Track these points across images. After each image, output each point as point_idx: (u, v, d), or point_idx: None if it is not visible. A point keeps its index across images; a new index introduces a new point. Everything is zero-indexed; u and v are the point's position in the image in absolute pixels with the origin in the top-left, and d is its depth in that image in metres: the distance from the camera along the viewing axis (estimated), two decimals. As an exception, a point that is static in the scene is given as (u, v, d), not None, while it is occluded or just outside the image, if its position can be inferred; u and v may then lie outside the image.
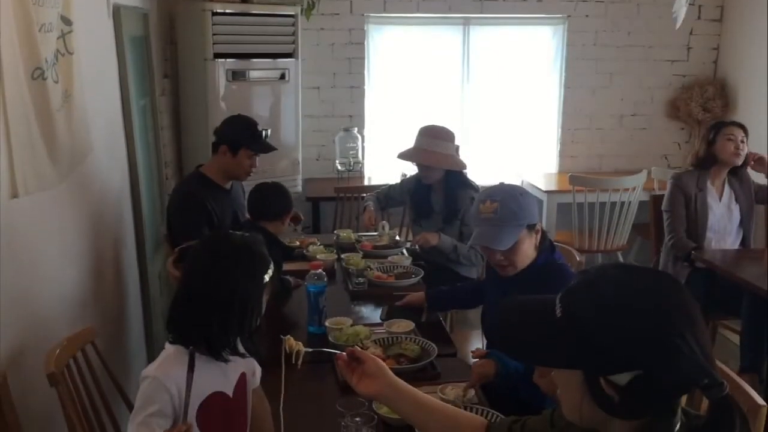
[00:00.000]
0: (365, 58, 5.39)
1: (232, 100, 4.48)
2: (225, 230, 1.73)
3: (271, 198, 2.95)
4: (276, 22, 4.65)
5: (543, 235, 2.29)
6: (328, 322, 2.55)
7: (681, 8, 3.87)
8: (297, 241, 3.60)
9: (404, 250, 3.60)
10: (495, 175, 5.16)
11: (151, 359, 1.75)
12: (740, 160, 3.70)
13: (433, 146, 3.42)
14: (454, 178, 3.47)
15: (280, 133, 4.76)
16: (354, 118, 5.44)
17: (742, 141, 3.67)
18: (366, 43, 5.37)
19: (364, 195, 4.05)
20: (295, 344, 1.68)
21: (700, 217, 3.73)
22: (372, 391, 1.50)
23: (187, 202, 3.09)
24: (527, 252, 2.26)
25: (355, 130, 5.27)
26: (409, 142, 3.55)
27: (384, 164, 5.37)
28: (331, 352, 1.62)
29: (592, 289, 1.12)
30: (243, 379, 1.68)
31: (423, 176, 3.55)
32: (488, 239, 2.24)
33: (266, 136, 3.24)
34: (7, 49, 1.85)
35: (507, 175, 5.34)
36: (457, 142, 3.60)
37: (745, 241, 3.84)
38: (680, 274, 3.64)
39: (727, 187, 3.80)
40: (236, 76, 4.53)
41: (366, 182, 5.20)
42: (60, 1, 2.25)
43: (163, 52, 4.43)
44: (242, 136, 3.14)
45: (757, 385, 3.29)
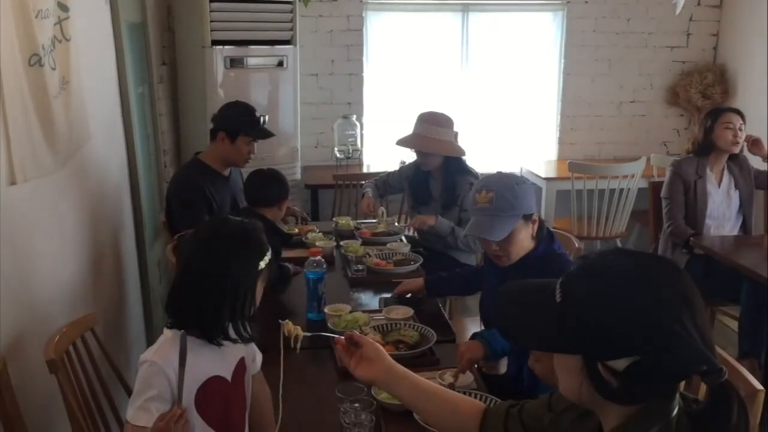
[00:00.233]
0: (363, 45, 5.37)
1: (230, 87, 4.47)
2: (223, 215, 1.72)
3: (268, 184, 2.94)
4: (274, 8, 4.62)
5: (540, 225, 2.28)
6: (327, 309, 2.56)
7: (681, -6, 3.85)
8: (296, 229, 3.60)
9: (403, 237, 3.60)
10: (494, 163, 5.15)
11: (150, 345, 1.77)
12: (738, 148, 3.69)
13: (432, 133, 3.42)
14: (453, 164, 3.47)
15: (279, 121, 4.74)
16: (352, 105, 5.42)
17: (740, 128, 3.66)
18: (364, 30, 5.35)
19: (363, 182, 4.05)
20: (293, 328, 1.69)
21: (699, 204, 3.73)
22: (370, 376, 1.51)
23: (186, 190, 3.09)
24: (522, 243, 2.25)
25: (354, 118, 5.26)
26: (408, 129, 3.54)
27: (383, 152, 5.36)
28: (329, 337, 1.62)
29: (592, 275, 1.12)
30: (242, 364, 1.69)
31: (422, 163, 3.55)
32: (482, 230, 2.24)
33: (264, 122, 3.23)
34: (3, 35, 1.85)
35: (506, 162, 5.33)
36: (456, 129, 3.59)
37: (745, 227, 3.84)
38: (679, 261, 3.65)
39: (726, 174, 3.80)
40: (234, 63, 4.51)
41: (365, 170, 5.19)
42: (56, -14, 2.25)
43: (160, 39, 4.41)
44: (240, 122, 3.13)
45: (756, 370, 3.31)
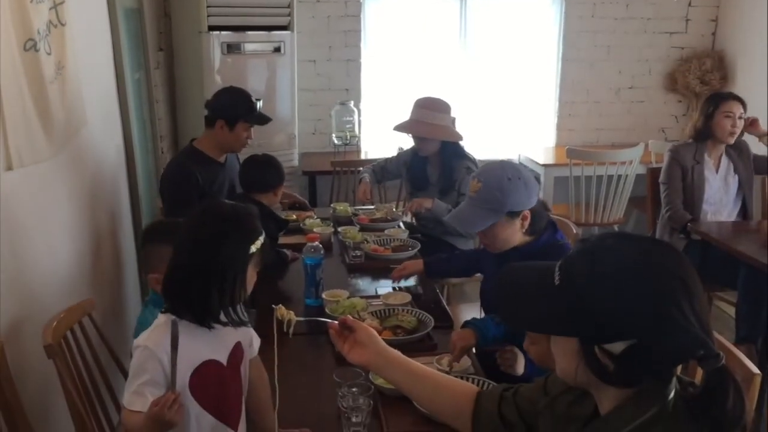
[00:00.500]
0: (361, 31, 5.34)
1: (227, 73, 4.45)
2: (216, 199, 1.70)
3: (263, 170, 2.94)
4: (271, -7, 4.60)
5: (534, 217, 2.22)
6: (324, 295, 2.56)
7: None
8: (293, 215, 3.60)
9: (401, 224, 3.60)
10: (492, 149, 5.15)
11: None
12: (734, 139, 3.69)
13: (429, 118, 3.41)
14: (451, 149, 3.46)
15: (276, 107, 4.73)
16: (350, 91, 5.40)
17: (740, 117, 3.65)
18: (362, 16, 5.32)
19: (360, 169, 4.04)
20: (286, 313, 1.69)
21: (697, 190, 3.74)
22: (363, 360, 1.51)
23: (179, 177, 3.06)
24: (506, 238, 2.22)
25: (352, 104, 5.24)
26: (406, 115, 3.53)
27: (381, 138, 5.35)
28: (322, 321, 1.61)
29: (591, 258, 1.12)
30: (239, 348, 1.68)
31: (419, 148, 3.54)
32: (459, 219, 2.25)
33: (260, 107, 3.22)
34: (-2, 19, 1.83)
35: (504, 148, 5.33)
36: (455, 115, 3.58)
37: (745, 212, 3.84)
38: (676, 246, 3.64)
39: (725, 159, 3.79)
40: (231, 49, 4.49)
41: (363, 156, 5.19)
42: (51, -30, 2.23)
43: (157, 24, 4.39)
44: (239, 109, 3.11)
45: (753, 355, 3.31)
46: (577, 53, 5.57)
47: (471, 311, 3.36)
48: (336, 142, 5.17)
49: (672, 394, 1.10)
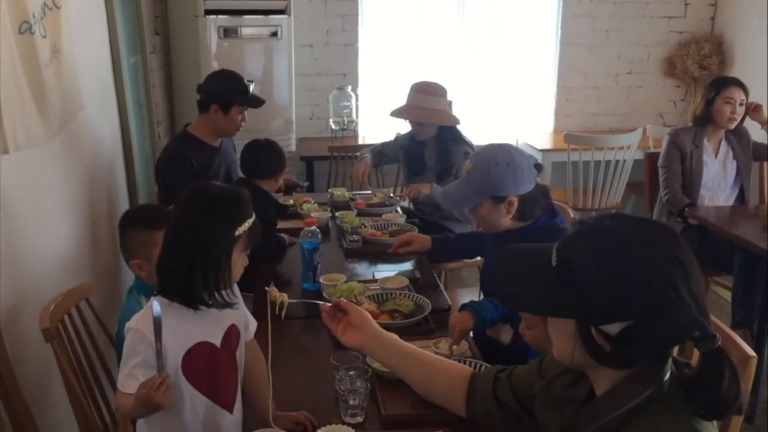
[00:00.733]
0: (358, 15, 5.31)
1: (224, 58, 4.43)
2: (206, 181, 1.68)
3: (264, 156, 2.93)
4: (268, -23, 4.58)
5: (525, 204, 2.21)
6: (322, 279, 2.56)
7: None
8: (291, 200, 3.60)
9: (398, 208, 3.60)
10: (491, 134, 5.13)
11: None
12: (733, 126, 3.68)
13: (425, 102, 3.40)
14: (448, 133, 3.45)
15: (273, 92, 4.72)
16: (348, 76, 5.38)
17: (741, 104, 3.64)
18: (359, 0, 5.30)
19: (358, 154, 4.02)
20: (278, 295, 1.68)
21: (695, 174, 3.74)
22: (357, 342, 1.51)
23: (174, 163, 3.05)
24: (492, 221, 2.23)
25: (349, 89, 5.22)
26: (404, 101, 3.52)
27: (378, 123, 5.33)
28: (315, 303, 1.60)
29: (588, 239, 1.12)
30: (233, 330, 1.67)
31: (416, 133, 3.53)
32: (446, 194, 2.33)
33: (252, 89, 3.20)
34: (-8, 1, 1.82)
35: (502, 133, 5.31)
36: (453, 100, 3.57)
37: (742, 197, 3.84)
38: (673, 230, 3.65)
39: (724, 144, 3.79)
40: (228, 33, 4.47)
41: (360, 141, 5.17)
42: (46, -48, 2.21)
43: (153, 8, 4.36)
44: (233, 93, 3.09)
45: (748, 340, 3.33)
46: (576, 38, 5.55)
47: (468, 296, 3.36)
48: (333, 127, 5.16)
49: (668, 376, 1.10)
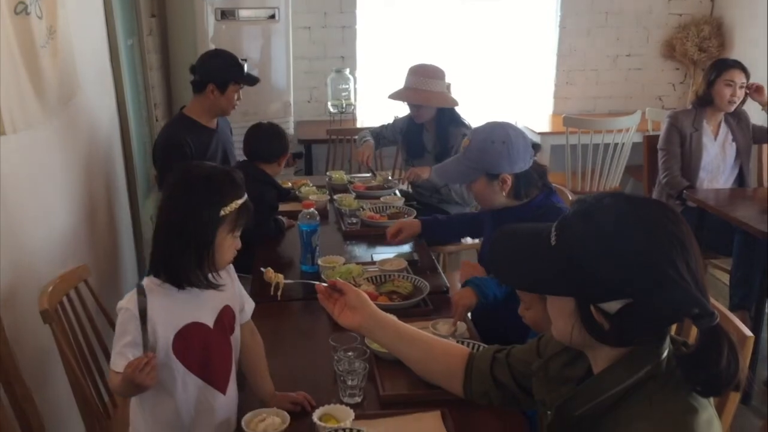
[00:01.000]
0: (356, -4, 5.28)
1: (221, 40, 4.39)
2: (197, 161, 1.67)
3: (268, 140, 2.92)
4: (265, -43, 4.54)
5: (519, 182, 2.22)
6: (320, 261, 2.56)
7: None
8: (289, 183, 3.59)
9: (397, 191, 3.59)
10: (490, 117, 5.08)
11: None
12: (733, 108, 3.67)
13: (424, 84, 3.39)
14: (446, 116, 3.44)
15: (271, 75, 4.69)
16: (346, 59, 5.35)
17: (741, 87, 3.63)
18: (357, -19, 5.27)
19: (357, 137, 4.01)
20: (274, 276, 1.68)
21: (694, 157, 3.73)
22: (354, 323, 1.51)
23: (170, 146, 3.03)
24: (487, 198, 2.27)
25: (347, 72, 5.19)
26: (402, 83, 3.50)
27: (376, 106, 5.31)
28: (312, 284, 1.60)
29: (587, 218, 1.11)
30: (228, 312, 1.66)
31: (414, 115, 3.52)
32: (441, 169, 2.37)
33: (246, 69, 3.19)
34: (-13, -19, 1.81)
35: (502, 116, 5.25)
36: (452, 82, 3.55)
37: (741, 180, 3.84)
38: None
39: (723, 127, 3.78)
40: (225, 15, 4.44)
41: (358, 124, 5.15)
42: (40, -68, 2.19)
43: (149, -11, 4.33)
44: (230, 71, 3.08)
45: (747, 322, 3.33)
46: (575, 20, 5.52)
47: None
48: (332, 110, 5.14)
49: (665, 354, 1.10)
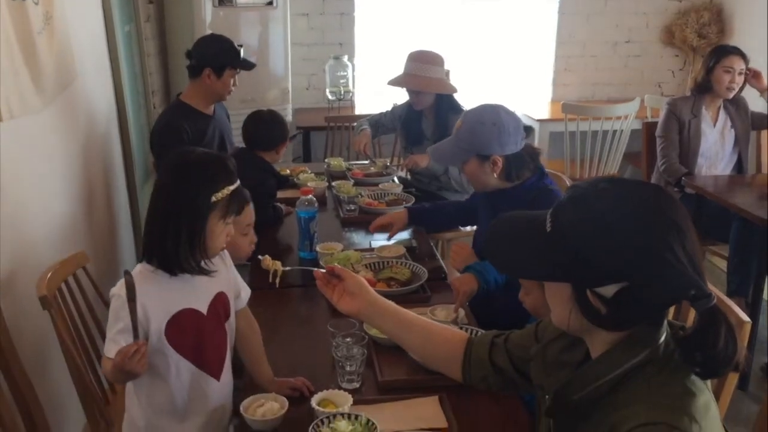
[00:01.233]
0: (355, -18, 5.26)
1: (219, 27, 4.37)
2: (190, 147, 1.66)
3: (268, 127, 2.92)
4: (263, -57, 4.51)
5: (510, 164, 2.22)
6: (319, 248, 2.56)
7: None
8: (287, 170, 3.58)
9: (395, 178, 3.59)
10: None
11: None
12: (732, 95, 3.66)
13: (423, 71, 3.38)
14: (445, 102, 3.43)
15: (269, 62, 4.68)
16: (344, 46, 5.33)
17: (740, 73, 3.62)
18: (355, -33, 5.24)
19: (355, 125, 4.00)
20: (272, 264, 1.68)
21: (693, 143, 3.73)
22: (353, 309, 1.51)
23: (168, 133, 3.01)
24: (479, 179, 2.29)
25: (346, 58, 5.17)
26: (401, 70, 3.49)
27: (375, 93, 5.30)
28: (310, 270, 1.60)
29: (582, 203, 1.11)
30: (222, 298, 1.66)
31: (413, 102, 3.51)
32: (435, 150, 2.40)
33: (242, 54, 3.18)
34: (-18, -35, 1.80)
35: (500, 103, 5.27)
36: (451, 69, 3.54)
37: (740, 167, 3.84)
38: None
39: (722, 113, 3.78)
40: (223, 1, 4.42)
41: (357, 111, 5.13)
42: None
43: (146, -25, 4.30)
44: (226, 56, 3.07)
45: (744, 308, 3.34)
46: (574, 5, 5.50)
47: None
48: (330, 97, 5.12)
49: (663, 338, 1.11)
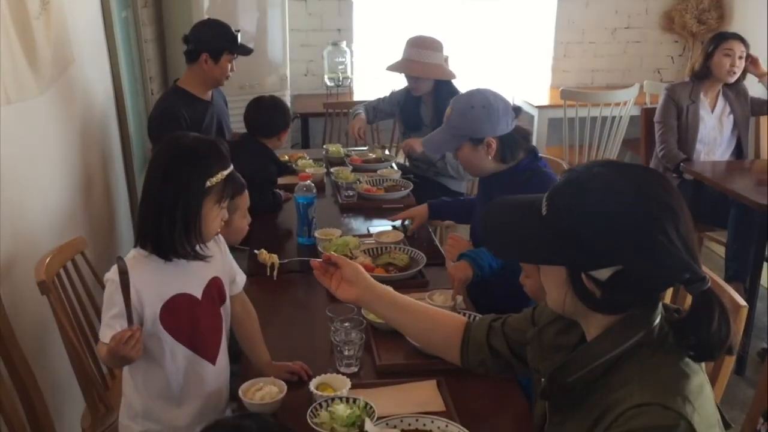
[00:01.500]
0: (353, -32, 5.23)
1: (216, 12, 4.33)
2: (184, 132, 1.66)
3: (269, 113, 2.92)
4: (260, -73, 4.48)
5: (503, 144, 2.23)
6: (317, 233, 2.57)
7: None
8: (286, 156, 3.58)
9: (393, 164, 3.59)
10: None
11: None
12: (733, 79, 3.65)
13: (421, 56, 3.37)
14: (444, 89, 3.42)
15: (267, 48, 4.66)
16: (342, 31, 5.32)
17: (740, 57, 3.61)
18: (354, -48, 5.21)
19: (351, 110, 3.99)
20: (268, 257, 1.68)
21: (691, 129, 3.72)
22: (352, 296, 1.52)
23: (165, 120, 3.00)
24: (476, 164, 2.28)
25: (344, 45, 5.15)
26: (400, 56, 3.48)
27: (374, 79, 5.28)
28: (305, 261, 1.60)
29: (577, 186, 1.11)
30: (216, 283, 1.66)
31: (412, 88, 3.50)
32: (428, 141, 2.38)
33: (240, 40, 3.17)
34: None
35: (499, 89, 5.23)
36: (450, 55, 3.53)
37: (740, 152, 3.84)
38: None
39: (721, 99, 3.77)
40: (220, -14, 4.40)
41: (355, 98, 5.11)
42: None
43: (143, -40, 4.28)
44: (223, 41, 3.06)
45: (741, 293, 3.35)
46: (574, -9, 5.48)
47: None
48: (328, 83, 5.11)
49: (657, 321, 1.11)
